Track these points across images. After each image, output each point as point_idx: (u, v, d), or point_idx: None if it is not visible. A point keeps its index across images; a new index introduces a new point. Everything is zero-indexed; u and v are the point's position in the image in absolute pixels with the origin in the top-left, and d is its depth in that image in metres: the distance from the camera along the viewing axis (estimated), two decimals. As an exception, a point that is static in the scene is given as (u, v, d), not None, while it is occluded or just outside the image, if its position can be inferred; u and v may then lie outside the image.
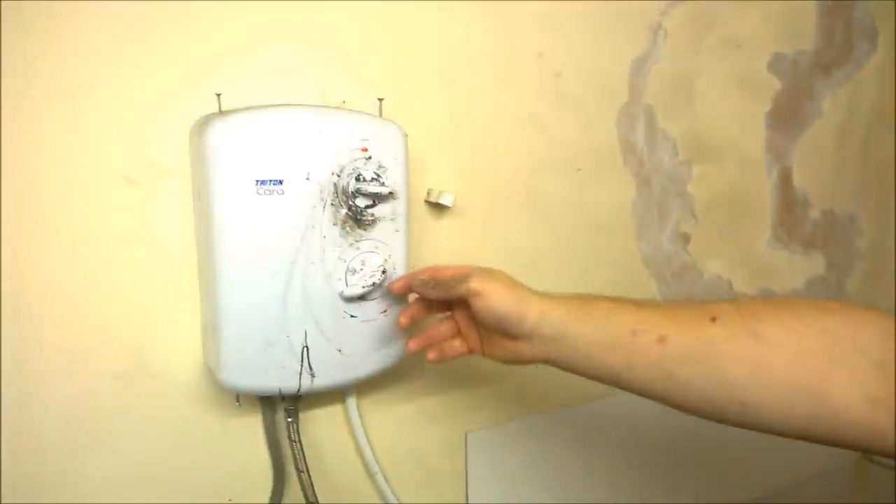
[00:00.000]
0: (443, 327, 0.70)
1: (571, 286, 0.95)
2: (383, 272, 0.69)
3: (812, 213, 1.24)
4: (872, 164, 1.32)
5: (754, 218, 1.17)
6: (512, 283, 0.63)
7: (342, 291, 0.68)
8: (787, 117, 1.15)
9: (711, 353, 0.52)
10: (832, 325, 0.49)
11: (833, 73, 1.20)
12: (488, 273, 0.64)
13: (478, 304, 0.62)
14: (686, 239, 1.08)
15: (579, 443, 1.05)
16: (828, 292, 1.31)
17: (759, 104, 1.12)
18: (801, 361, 0.49)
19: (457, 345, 0.70)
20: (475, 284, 0.62)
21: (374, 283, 0.69)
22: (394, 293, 0.71)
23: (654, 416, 1.10)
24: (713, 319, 0.52)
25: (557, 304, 0.61)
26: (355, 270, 0.69)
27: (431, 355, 0.70)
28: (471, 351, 0.69)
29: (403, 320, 0.70)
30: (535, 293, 0.63)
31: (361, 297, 0.70)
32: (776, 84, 1.12)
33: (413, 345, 0.70)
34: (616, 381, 0.58)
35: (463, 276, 0.64)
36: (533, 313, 0.61)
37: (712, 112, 1.05)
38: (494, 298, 0.61)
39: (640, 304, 0.58)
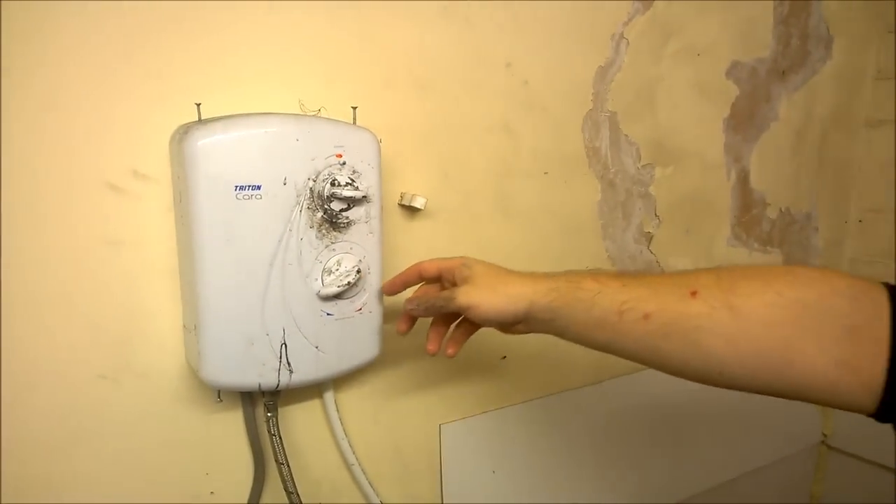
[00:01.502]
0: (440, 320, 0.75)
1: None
2: (358, 272, 0.73)
3: (769, 212, 1.29)
4: (828, 165, 1.37)
5: (714, 217, 1.21)
6: (496, 281, 0.67)
7: (319, 291, 0.72)
8: (744, 121, 1.20)
9: (691, 328, 0.56)
10: (805, 295, 0.53)
11: (789, 77, 1.25)
12: (470, 280, 0.67)
13: (470, 315, 0.67)
14: (649, 238, 1.13)
15: (550, 433, 1.09)
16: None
17: (718, 109, 1.16)
18: (773, 331, 0.53)
19: (458, 334, 0.75)
20: (462, 300, 0.66)
21: (349, 283, 0.72)
22: (388, 295, 0.76)
23: (623, 406, 1.16)
24: (693, 294, 0.56)
25: (546, 289, 0.64)
26: (331, 271, 0.72)
27: (450, 350, 0.74)
28: (470, 334, 0.74)
29: (403, 327, 0.75)
30: (522, 279, 0.66)
31: (337, 296, 0.73)
32: (734, 90, 1.17)
33: (431, 346, 0.74)
34: (605, 350, 0.63)
35: (448, 297, 0.67)
36: (522, 306, 0.64)
37: (673, 117, 1.10)
38: (485, 307, 0.65)
39: (625, 280, 0.61)
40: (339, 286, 0.72)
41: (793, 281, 0.54)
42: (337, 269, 0.72)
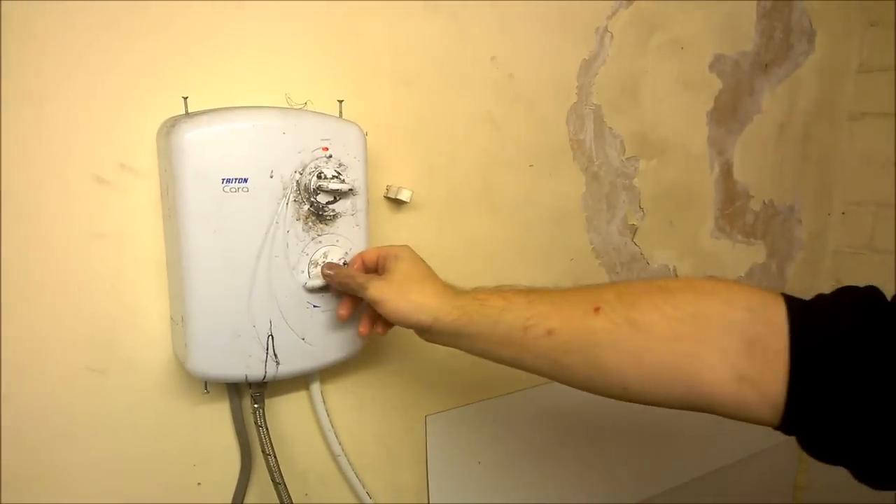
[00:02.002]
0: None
1: (528, 277, 1.00)
2: (344, 264, 0.73)
3: (753, 204, 1.30)
4: (811, 158, 1.39)
5: (698, 210, 1.23)
6: (409, 286, 0.66)
7: (305, 283, 0.72)
8: (728, 114, 1.21)
9: (593, 344, 0.56)
10: (704, 309, 0.53)
11: (772, 70, 1.26)
12: (388, 276, 0.68)
13: (379, 310, 0.67)
14: (634, 230, 1.14)
15: (536, 424, 1.10)
16: (769, 279, 1.38)
17: (702, 102, 1.17)
18: (673, 346, 0.53)
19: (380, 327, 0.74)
20: (373, 293, 0.67)
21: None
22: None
23: (605, 399, 1.16)
24: (596, 310, 0.56)
25: (452, 307, 0.64)
26: (318, 263, 0.73)
27: (379, 329, 0.74)
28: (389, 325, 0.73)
29: (342, 312, 0.74)
30: (434, 291, 0.66)
31: (324, 289, 0.74)
32: (717, 83, 1.18)
33: (362, 329, 0.74)
34: (511, 365, 0.64)
35: (362, 284, 0.68)
36: (426, 319, 0.65)
37: (657, 110, 1.11)
38: (390, 306, 0.66)
39: (532, 297, 0.61)
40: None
41: (693, 296, 0.54)
42: (323, 262, 0.73)
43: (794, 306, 0.51)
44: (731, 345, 0.51)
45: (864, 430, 0.47)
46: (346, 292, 0.73)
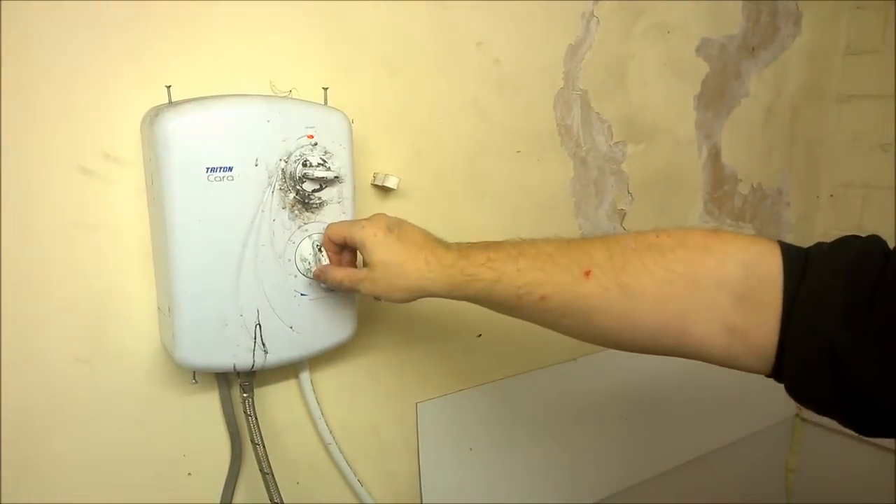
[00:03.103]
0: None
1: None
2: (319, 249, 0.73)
3: (741, 188, 1.31)
4: (799, 141, 1.39)
5: (686, 194, 1.23)
6: (392, 275, 0.66)
7: (291, 271, 0.72)
8: (715, 98, 1.21)
9: (585, 309, 0.58)
10: (695, 267, 0.54)
11: (759, 54, 1.26)
12: (370, 272, 0.67)
13: (381, 301, 0.69)
14: (622, 215, 1.14)
15: (526, 410, 1.11)
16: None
17: (689, 86, 1.17)
18: (663, 307, 0.55)
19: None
20: (369, 291, 0.68)
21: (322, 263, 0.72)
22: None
23: (598, 383, 1.17)
24: (587, 274, 0.57)
25: (443, 282, 0.65)
26: (306, 259, 0.73)
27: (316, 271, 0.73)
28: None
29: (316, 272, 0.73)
30: (417, 267, 0.65)
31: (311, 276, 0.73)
32: (704, 67, 1.18)
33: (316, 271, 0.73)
34: (510, 315, 0.65)
35: (354, 285, 0.69)
36: (420, 294, 0.67)
37: (644, 95, 1.11)
38: (386, 298, 0.68)
39: (520, 264, 0.61)
40: (311, 265, 0.72)
41: (685, 254, 0.55)
42: (311, 254, 0.73)
43: (790, 257, 0.52)
44: (722, 300, 0.53)
45: (853, 379, 0.48)
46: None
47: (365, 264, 0.68)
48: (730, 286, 0.53)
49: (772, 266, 0.52)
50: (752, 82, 1.26)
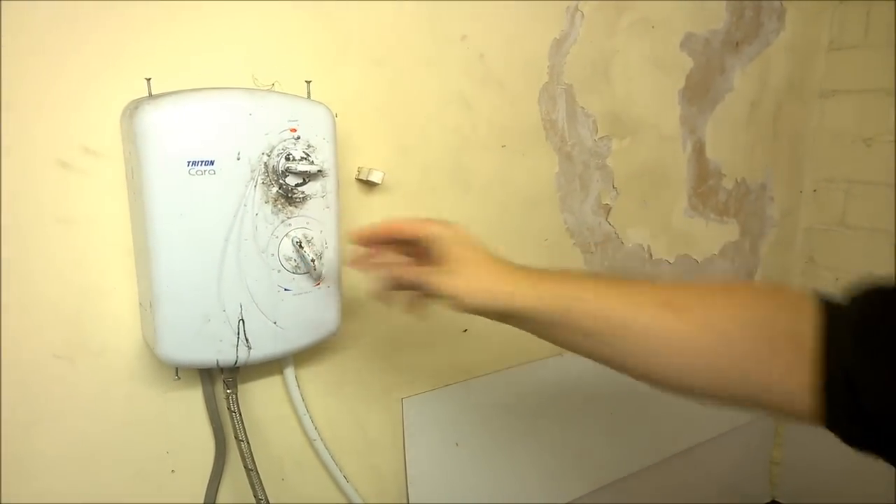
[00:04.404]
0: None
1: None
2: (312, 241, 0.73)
3: (725, 183, 1.31)
4: (782, 136, 1.40)
5: (671, 189, 1.23)
6: (475, 272, 0.62)
7: (275, 266, 0.72)
8: (699, 93, 1.21)
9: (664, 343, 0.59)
10: (755, 314, 0.55)
11: (743, 49, 1.26)
12: (451, 268, 0.62)
13: (450, 305, 0.62)
14: (608, 210, 1.14)
15: (512, 405, 1.11)
16: (742, 257, 1.39)
17: (674, 81, 1.18)
18: (732, 347, 0.55)
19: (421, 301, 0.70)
20: (445, 289, 0.62)
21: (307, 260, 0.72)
22: (357, 243, 0.69)
23: (584, 377, 1.17)
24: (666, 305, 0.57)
25: (535, 294, 0.61)
26: (291, 257, 0.72)
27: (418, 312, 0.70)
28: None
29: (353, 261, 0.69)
30: (499, 271, 0.63)
31: (295, 271, 0.73)
32: (689, 62, 1.18)
33: (407, 309, 0.70)
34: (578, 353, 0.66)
35: (424, 280, 0.63)
36: (504, 302, 0.61)
37: (629, 90, 1.11)
38: (467, 301, 0.61)
39: (601, 304, 0.60)
40: (295, 261, 0.72)
41: (743, 300, 0.56)
42: (297, 239, 0.72)
43: (823, 308, 0.52)
44: (781, 343, 0.53)
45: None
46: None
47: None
48: (785, 328, 0.54)
49: (810, 313, 0.52)
50: (737, 77, 1.27)
